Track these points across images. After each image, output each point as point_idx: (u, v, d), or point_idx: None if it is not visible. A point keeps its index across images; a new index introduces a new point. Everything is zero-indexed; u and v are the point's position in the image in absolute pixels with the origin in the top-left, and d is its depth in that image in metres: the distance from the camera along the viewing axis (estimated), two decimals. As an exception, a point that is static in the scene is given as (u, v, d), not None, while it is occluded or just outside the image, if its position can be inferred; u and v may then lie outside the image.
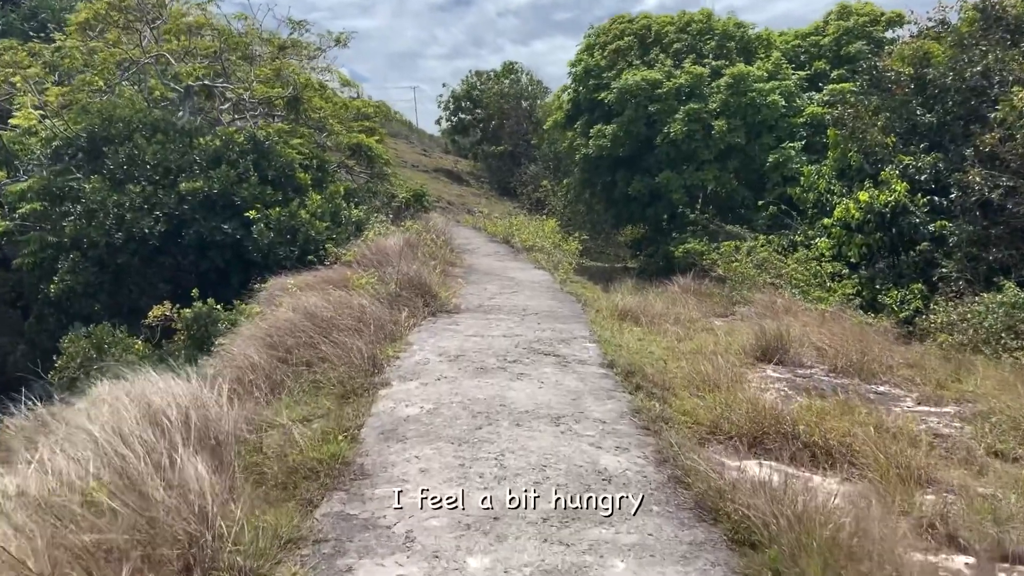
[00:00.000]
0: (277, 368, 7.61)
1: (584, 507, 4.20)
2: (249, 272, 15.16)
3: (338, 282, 11.98)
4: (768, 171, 20.39)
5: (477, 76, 52.79)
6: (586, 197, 29.03)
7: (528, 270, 17.80)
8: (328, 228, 15.66)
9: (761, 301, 14.46)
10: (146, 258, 15.91)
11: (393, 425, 5.72)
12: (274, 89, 18.37)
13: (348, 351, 7.53)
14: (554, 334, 9.40)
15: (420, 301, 10.86)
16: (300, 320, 8.67)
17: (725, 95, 21.18)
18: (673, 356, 9.73)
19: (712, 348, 10.35)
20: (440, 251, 17.90)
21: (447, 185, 47.85)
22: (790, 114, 21.07)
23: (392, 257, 14.58)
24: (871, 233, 16.20)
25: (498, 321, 10.24)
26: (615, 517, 4.10)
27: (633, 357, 8.55)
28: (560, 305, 12.47)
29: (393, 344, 8.37)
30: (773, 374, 9.35)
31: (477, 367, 7.47)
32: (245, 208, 15.08)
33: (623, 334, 10.88)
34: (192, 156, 15.72)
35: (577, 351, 8.39)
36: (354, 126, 23.68)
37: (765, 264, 16.95)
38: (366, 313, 9.08)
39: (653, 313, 13.18)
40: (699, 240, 19.67)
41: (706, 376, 7.95)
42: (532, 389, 6.70)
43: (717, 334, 11.90)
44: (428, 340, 8.73)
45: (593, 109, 25.16)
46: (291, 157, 16.69)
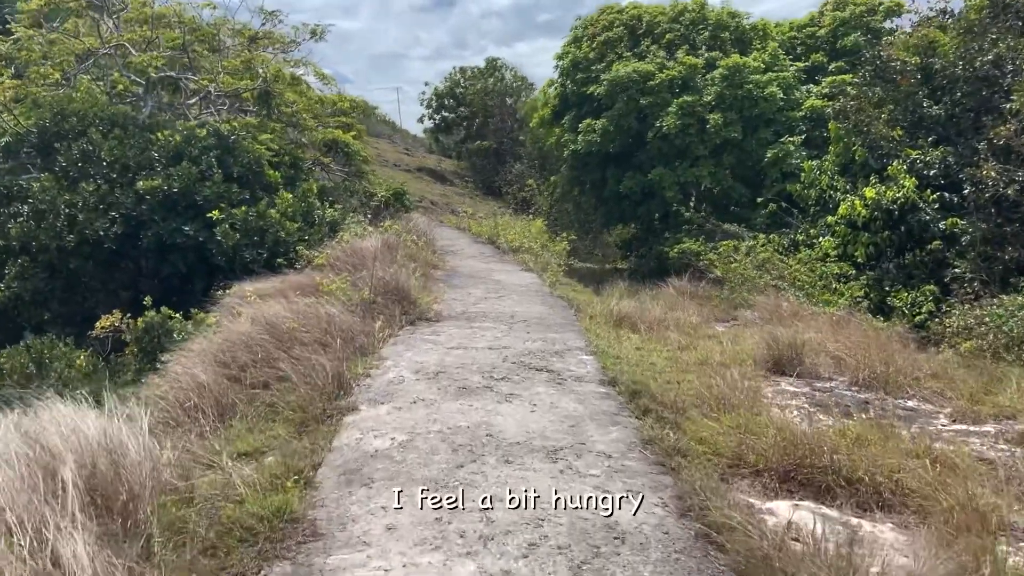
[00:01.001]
0: (228, 389, 6.69)
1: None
2: (214, 277, 14.20)
3: (308, 288, 11.07)
4: (766, 167, 19.65)
5: (460, 73, 51.95)
6: (574, 195, 28.18)
7: (515, 272, 16.95)
8: (299, 229, 14.71)
9: (764, 304, 13.70)
10: (102, 263, 14.89)
11: (357, 463, 4.82)
12: (242, 81, 17.37)
13: (311, 369, 6.62)
14: (546, 345, 8.52)
15: (397, 308, 9.97)
16: (259, 333, 7.74)
17: (720, 87, 20.41)
18: (677, 368, 8.92)
19: (719, 358, 9.56)
20: (421, 253, 17.03)
21: (430, 184, 46.94)
22: (788, 107, 20.35)
23: (368, 260, 13.68)
24: (878, 231, 15.46)
25: (483, 330, 9.36)
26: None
27: (635, 371, 7.71)
28: (551, 311, 11.61)
29: (364, 359, 7.46)
30: (790, 388, 8.53)
31: (459, 386, 6.58)
32: (208, 208, 14.10)
33: (621, 343, 10.06)
34: (151, 153, 14.71)
35: (573, 365, 7.52)
36: (330, 122, 22.71)
37: (766, 265, 16.19)
38: (334, 324, 8.17)
39: (651, 319, 12.39)
40: (695, 240, 18.88)
41: (719, 393, 7.12)
42: (523, 413, 5.82)
43: (722, 342, 11.11)
44: (404, 354, 7.83)
45: (581, 104, 24.33)
46: (260, 153, 15.72)
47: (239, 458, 5.30)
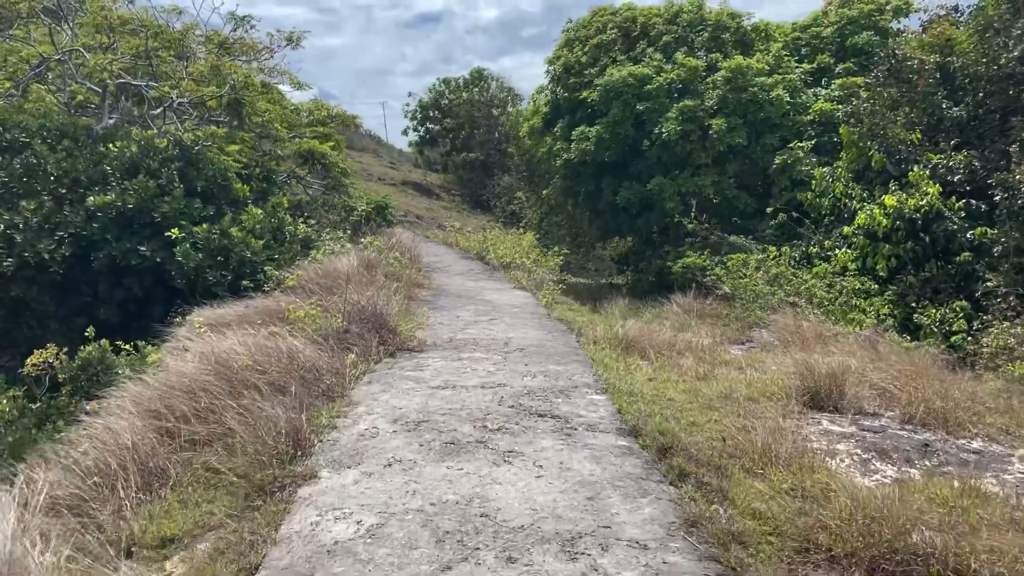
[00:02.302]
0: (161, 449, 5.50)
1: None
2: (174, 302, 12.98)
3: (275, 314, 9.92)
4: (774, 175, 18.66)
5: (445, 84, 51.13)
6: (567, 208, 27.12)
7: (507, 291, 15.85)
8: (268, 247, 13.53)
9: (781, 324, 12.60)
10: (52, 287, 13.66)
11: (310, 564, 3.65)
12: (208, 87, 16.22)
13: (263, 421, 5.45)
14: (548, 381, 7.38)
15: (374, 338, 8.81)
16: (206, 374, 6.56)
17: (723, 91, 19.43)
18: (699, 404, 7.81)
19: (745, 390, 8.46)
20: (405, 271, 15.94)
21: (415, 199, 45.93)
22: (795, 111, 19.40)
23: (345, 281, 12.53)
24: (900, 242, 14.45)
25: (474, 362, 8.21)
26: None
27: (656, 413, 6.58)
28: (549, 336, 10.49)
29: (331, 405, 6.29)
30: (834, 427, 7.42)
31: (446, 441, 5.42)
32: (167, 226, 12.90)
33: (631, 374, 8.95)
34: (104, 166, 13.52)
35: (582, 408, 6.38)
36: (307, 132, 21.58)
37: (779, 280, 15.12)
38: (297, 360, 7.00)
39: (660, 342, 11.31)
40: (699, 254, 17.81)
41: (759, 440, 6.00)
42: (527, 480, 4.67)
43: (744, 370, 10.01)
44: (380, 396, 6.66)
45: (574, 110, 23.31)
46: (227, 165, 14.55)
47: (159, 548, 4.14)
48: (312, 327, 8.90)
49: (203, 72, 17.19)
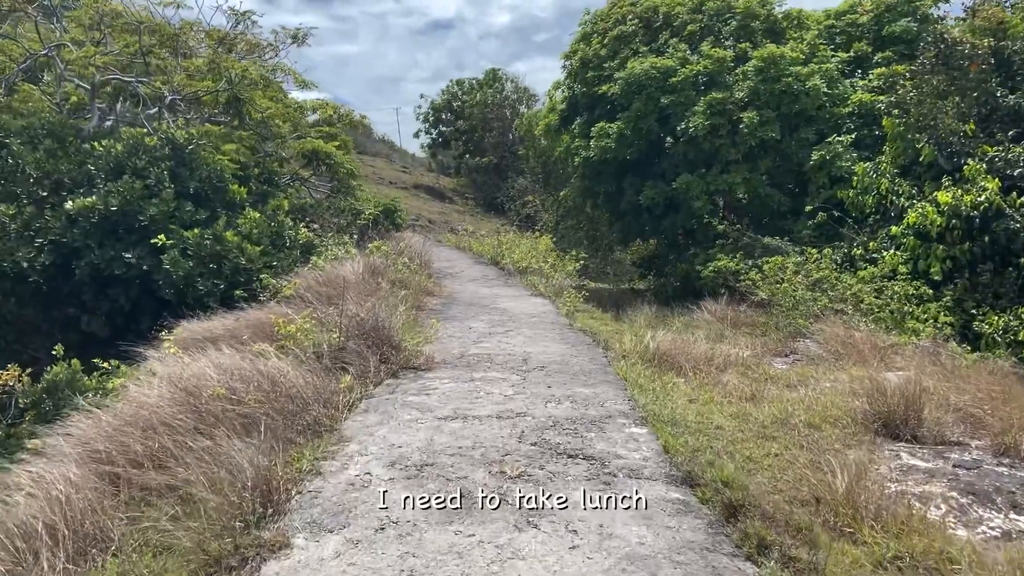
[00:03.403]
0: (105, 502, 4.52)
1: None
2: (163, 314, 12.06)
3: (266, 328, 8.96)
4: (811, 171, 17.52)
5: (458, 85, 50.29)
6: (586, 210, 26.01)
7: (523, 298, 14.85)
8: (266, 254, 12.59)
9: (829, 334, 11.50)
10: (33, 299, 12.82)
11: None
12: (202, 83, 15.33)
13: (229, 469, 4.46)
14: (576, 408, 6.35)
15: (375, 355, 7.81)
16: (171, 405, 5.59)
17: (754, 82, 18.32)
18: (753, 433, 6.79)
19: (803, 415, 7.40)
20: (414, 277, 14.98)
21: (427, 202, 45.07)
22: (833, 103, 18.27)
23: (348, 289, 11.57)
24: (956, 243, 13.29)
25: (489, 384, 7.20)
26: None
27: (703, 446, 5.54)
28: (573, 350, 9.46)
29: (316, 443, 5.29)
30: (916, 461, 6.34)
31: (454, 494, 4.40)
32: (155, 231, 12.00)
33: (668, 394, 7.93)
34: (88, 167, 12.65)
35: (621, 445, 5.34)
36: (311, 132, 20.68)
37: (821, 285, 13.99)
38: (280, 387, 6.00)
39: (697, 355, 10.28)
40: (731, 257, 16.68)
41: (837, 485, 4.96)
42: (559, 553, 3.64)
43: (795, 388, 8.96)
44: (377, 430, 5.65)
45: (593, 106, 22.24)
46: (221, 166, 13.63)
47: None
48: (307, 343, 7.94)
49: (199, 68, 16.33)
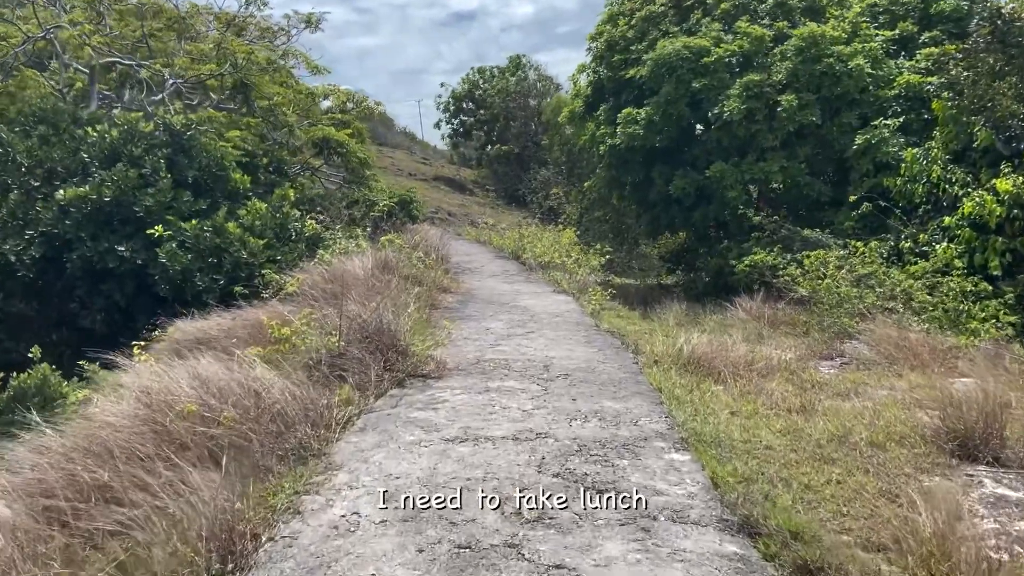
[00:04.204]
0: (39, 547, 3.79)
1: None
2: (160, 311, 11.41)
3: (265, 331, 8.20)
4: (854, 157, 16.51)
5: (479, 74, 49.48)
6: (612, 201, 25.08)
7: (545, 295, 14.03)
8: (270, 247, 11.88)
9: (880, 335, 10.56)
10: (24, 293, 12.24)
11: None
12: (206, 66, 14.65)
13: (187, 510, 3.70)
14: (605, 427, 5.53)
15: (379, 361, 7.04)
16: (136, 424, 4.86)
17: (793, 63, 17.31)
18: (808, 454, 5.96)
19: (865, 432, 6.52)
20: (429, 273, 14.20)
21: (447, 194, 44.38)
22: (877, 85, 17.22)
23: (353, 287, 10.83)
24: (1018, 234, 12.30)
25: (505, 396, 6.40)
26: None
27: (755, 472, 4.71)
28: (600, 355, 8.64)
29: (299, 471, 4.53)
30: (1005, 491, 5.47)
31: (459, 543, 3.61)
32: (152, 222, 11.34)
33: (707, 405, 7.11)
34: (82, 154, 12.02)
35: (659, 475, 4.52)
36: (324, 119, 19.98)
37: (867, 281, 13.03)
38: (263, 402, 5.25)
39: (735, 360, 9.41)
40: (768, 250, 15.73)
41: (923, 528, 4.12)
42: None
43: (848, 398, 8.10)
44: (373, 456, 4.88)
45: (620, 91, 21.32)
46: (222, 153, 12.94)
47: None
48: (301, 348, 7.20)
49: (204, 51, 15.67)
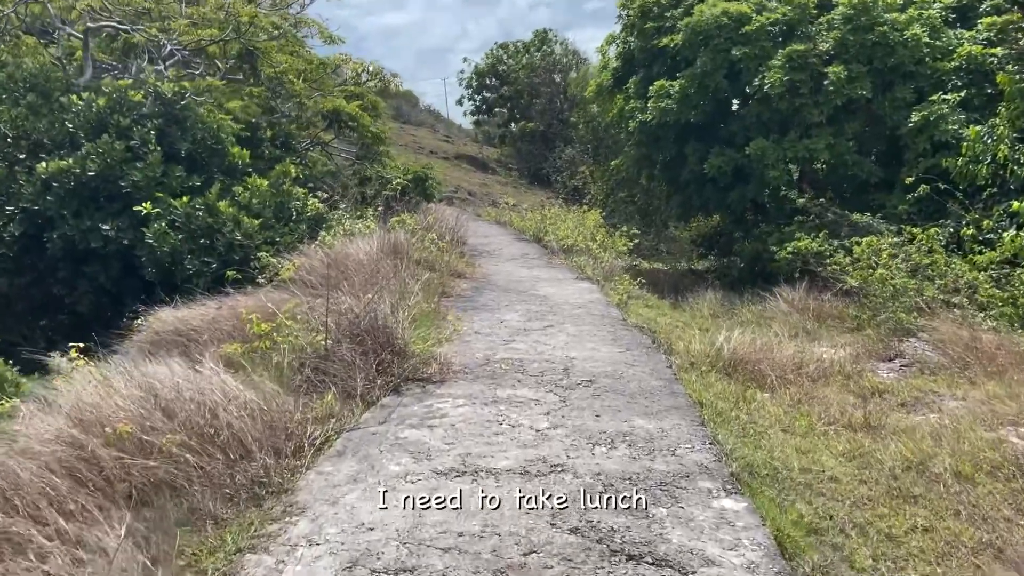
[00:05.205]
0: None
1: None
2: (149, 295, 10.62)
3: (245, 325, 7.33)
4: (908, 135, 15.29)
5: (503, 49, 48.24)
6: (641, 181, 23.95)
7: (567, 282, 13.09)
8: (266, 227, 11.03)
9: (945, 334, 9.50)
10: (7, 275, 11.52)
11: None
12: (207, 31, 13.75)
13: None
14: (636, 457, 4.58)
15: (371, 363, 6.14)
16: (59, 449, 3.99)
17: (842, 31, 16.07)
18: (882, 489, 5.02)
19: (947, 460, 5.55)
20: (443, 257, 13.31)
21: (469, 173, 43.44)
22: (935, 56, 15.93)
23: (360, 271, 9.98)
24: (1098, 222, 11.12)
25: (516, 410, 5.47)
26: None
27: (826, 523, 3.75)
28: (628, 356, 7.68)
29: (249, 516, 3.63)
30: None
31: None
32: (140, 199, 10.52)
33: (757, 424, 6.15)
34: (67, 124, 11.21)
35: (708, 534, 3.57)
36: (337, 92, 19.05)
37: (926, 271, 11.90)
38: (220, 420, 4.36)
39: (783, 362, 8.42)
40: (812, 236, 14.59)
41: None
42: None
43: (915, 409, 7.14)
44: (345, 495, 3.97)
45: (651, 62, 20.16)
46: (219, 125, 12.07)
47: None
48: (286, 344, 6.33)
49: (205, 16, 14.78)
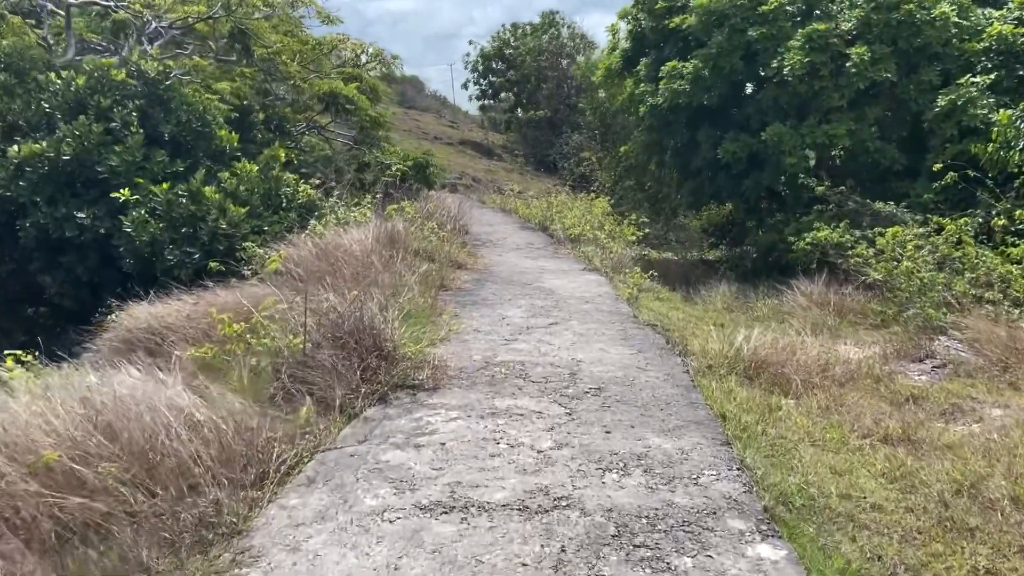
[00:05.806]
0: None
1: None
2: (127, 289, 10.05)
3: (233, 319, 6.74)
4: (934, 120, 14.58)
5: (511, 31, 47.37)
6: (651, 168, 23.26)
7: (574, 274, 12.49)
8: (254, 216, 10.42)
9: (982, 333, 8.87)
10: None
11: None
12: (193, 7, 13.12)
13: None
14: (653, 488, 3.98)
15: (355, 369, 5.55)
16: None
17: (865, 10, 15.32)
18: (932, 519, 4.42)
19: (1003, 483, 4.95)
20: (443, 247, 12.72)
21: (474, 159, 42.82)
22: (962, 37, 15.20)
23: (351, 263, 9.39)
24: None
25: (516, 425, 4.87)
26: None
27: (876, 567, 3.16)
28: (640, 358, 7.07)
29: (189, 570, 3.03)
30: None
31: None
32: (119, 185, 9.93)
33: (786, 439, 5.56)
34: (43, 105, 10.62)
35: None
36: (334, 73, 18.40)
37: (955, 264, 11.24)
38: (167, 446, 3.76)
39: (807, 363, 7.80)
40: (832, 226, 13.92)
41: None
42: None
43: (954, 418, 6.54)
44: (308, 539, 3.38)
45: (662, 43, 19.45)
46: (206, 106, 11.45)
47: None
48: (263, 347, 5.74)
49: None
